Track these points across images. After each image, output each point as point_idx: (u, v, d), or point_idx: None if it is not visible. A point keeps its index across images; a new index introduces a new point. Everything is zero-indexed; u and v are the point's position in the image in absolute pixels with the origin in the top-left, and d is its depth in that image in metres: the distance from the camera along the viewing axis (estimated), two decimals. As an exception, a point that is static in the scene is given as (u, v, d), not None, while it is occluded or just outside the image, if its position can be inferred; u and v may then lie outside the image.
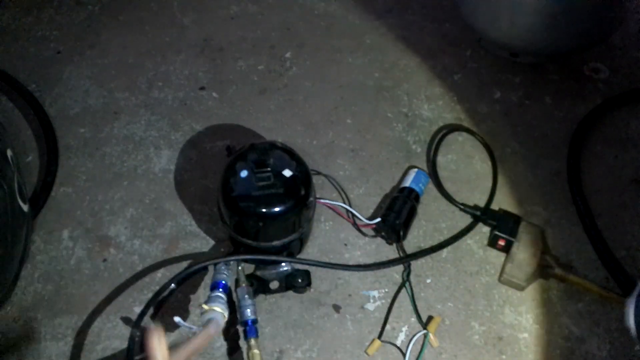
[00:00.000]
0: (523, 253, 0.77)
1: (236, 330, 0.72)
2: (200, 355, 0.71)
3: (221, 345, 0.72)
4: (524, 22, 0.92)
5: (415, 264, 0.79)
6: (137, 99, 0.99)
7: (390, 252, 0.80)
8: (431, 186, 0.87)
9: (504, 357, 0.71)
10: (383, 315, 0.74)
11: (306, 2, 1.17)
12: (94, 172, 0.89)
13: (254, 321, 0.68)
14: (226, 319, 0.64)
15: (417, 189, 0.83)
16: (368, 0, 1.17)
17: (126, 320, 0.73)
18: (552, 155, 0.91)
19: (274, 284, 0.75)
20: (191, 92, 1.00)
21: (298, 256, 0.78)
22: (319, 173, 0.87)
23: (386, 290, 0.77)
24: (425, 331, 0.72)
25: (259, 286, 0.74)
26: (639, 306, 0.63)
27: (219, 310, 0.63)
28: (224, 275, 0.69)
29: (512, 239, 0.78)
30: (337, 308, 0.75)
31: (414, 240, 0.81)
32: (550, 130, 0.94)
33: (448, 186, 0.87)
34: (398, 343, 0.72)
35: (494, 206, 0.84)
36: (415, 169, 0.86)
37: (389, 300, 0.76)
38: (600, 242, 0.79)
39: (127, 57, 1.06)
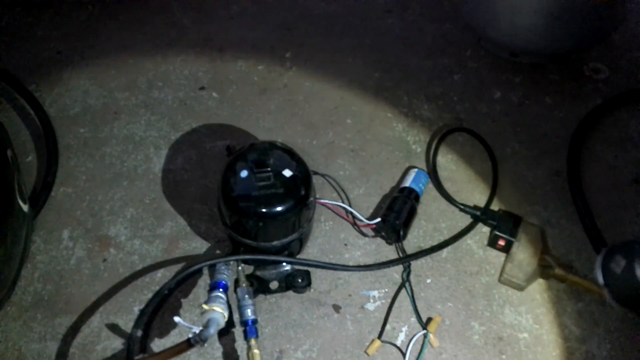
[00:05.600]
0: (523, 253, 0.77)
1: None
2: (200, 355, 0.71)
3: (221, 345, 0.72)
4: (524, 22, 0.92)
5: (415, 264, 0.79)
6: (137, 99, 0.99)
7: (390, 252, 0.80)
8: (431, 186, 0.87)
9: (504, 357, 0.71)
10: (383, 315, 0.74)
11: (306, 2, 1.17)
12: (94, 172, 0.89)
13: (254, 321, 0.68)
14: (226, 319, 0.64)
15: (417, 189, 0.83)
16: (368, 0, 1.17)
17: (126, 320, 0.74)
18: (552, 155, 0.91)
19: (274, 284, 0.75)
20: (191, 92, 1.00)
21: (298, 256, 0.78)
22: (318, 173, 0.87)
23: (386, 290, 0.77)
24: (425, 331, 0.72)
25: (259, 286, 0.74)
26: (606, 265, 0.67)
27: (219, 310, 0.63)
28: (224, 276, 0.69)
29: (512, 239, 0.78)
30: (337, 308, 0.75)
31: (414, 240, 0.81)
32: (550, 130, 0.94)
33: (448, 186, 0.87)
34: (398, 343, 0.72)
35: (494, 206, 0.84)
36: (415, 169, 0.86)
37: (389, 300, 0.76)
38: (600, 242, 0.79)
39: (127, 57, 1.06)
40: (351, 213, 0.83)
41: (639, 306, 0.71)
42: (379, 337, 0.72)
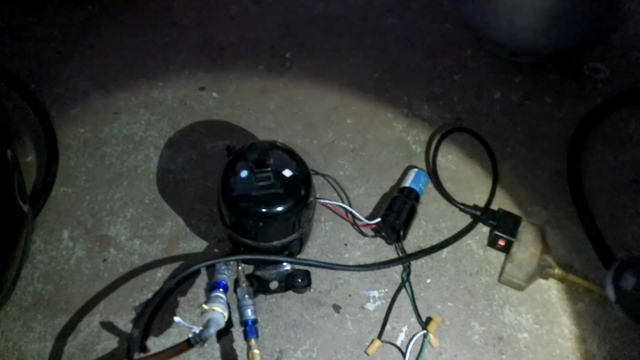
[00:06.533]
0: (523, 253, 0.77)
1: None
2: (200, 355, 0.71)
3: (221, 345, 0.72)
4: (524, 22, 0.92)
5: (415, 264, 0.79)
6: (137, 99, 0.99)
7: (390, 252, 0.80)
8: (431, 186, 0.87)
9: (504, 357, 0.71)
10: (383, 315, 0.74)
11: (306, 2, 1.17)
12: (94, 172, 0.89)
13: (254, 321, 0.68)
14: (226, 319, 0.64)
15: (417, 189, 0.83)
16: (368, 0, 1.17)
17: (126, 320, 0.73)
18: (552, 155, 0.91)
19: (274, 284, 0.75)
20: (191, 92, 1.00)
21: (298, 256, 0.78)
22: (318, 173, 0.87)
23: (386, 290, 0.77)
24: (425, 331, 0.72)
25: (259, 286, 0.74)
26: (617, 280, 0.69)
27: (219, 310, 0.63)
28: (224, 276, 0.69)
29: (512, 239, 0.78)
30: (337, 308, 0.75)
31: (414, 240, 0.81)
32: (550, 130, 0.94)
33: (448, 186, 0.87)
34: (398, 343, 0.72)
35: (494, 206, 0.84)
36: (415, 169, 0.86)
37: (389, 300, 0.76)
38: (600, 242, 0.79)
39: (127, 57, 1.06)
40: (351, 213, 0.83)
41: None
42: (379, 337, 0.72)
